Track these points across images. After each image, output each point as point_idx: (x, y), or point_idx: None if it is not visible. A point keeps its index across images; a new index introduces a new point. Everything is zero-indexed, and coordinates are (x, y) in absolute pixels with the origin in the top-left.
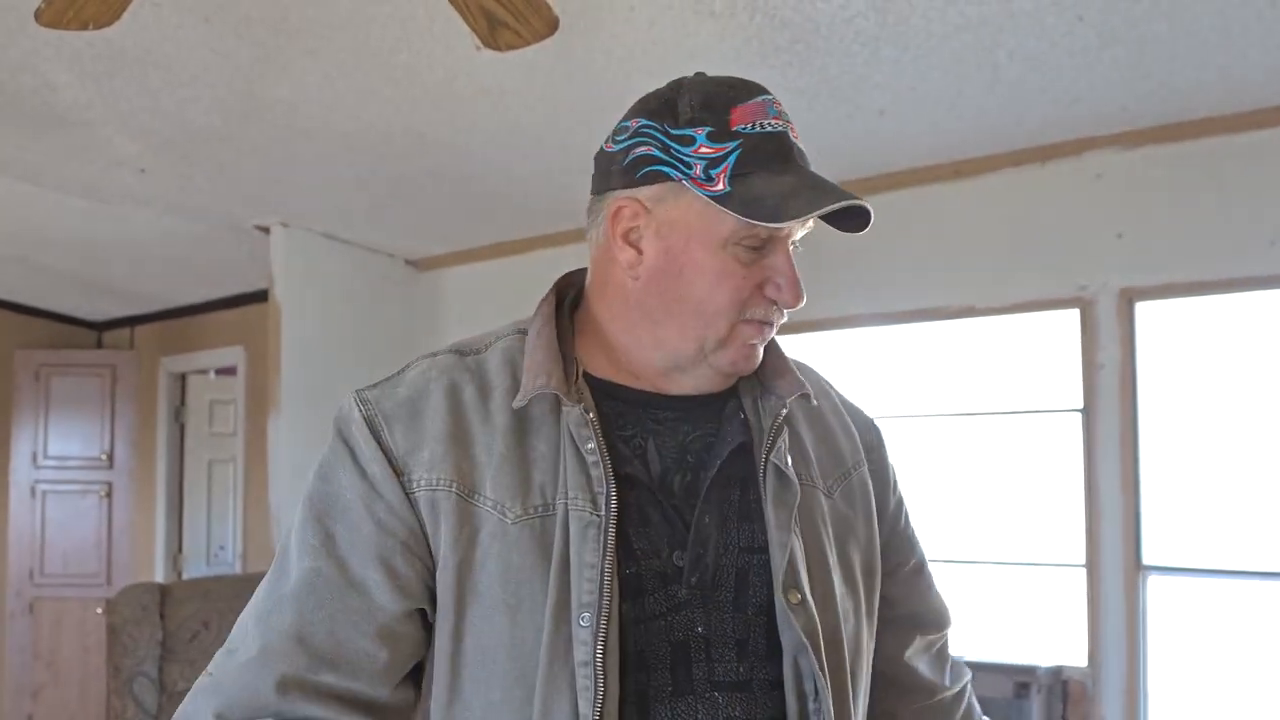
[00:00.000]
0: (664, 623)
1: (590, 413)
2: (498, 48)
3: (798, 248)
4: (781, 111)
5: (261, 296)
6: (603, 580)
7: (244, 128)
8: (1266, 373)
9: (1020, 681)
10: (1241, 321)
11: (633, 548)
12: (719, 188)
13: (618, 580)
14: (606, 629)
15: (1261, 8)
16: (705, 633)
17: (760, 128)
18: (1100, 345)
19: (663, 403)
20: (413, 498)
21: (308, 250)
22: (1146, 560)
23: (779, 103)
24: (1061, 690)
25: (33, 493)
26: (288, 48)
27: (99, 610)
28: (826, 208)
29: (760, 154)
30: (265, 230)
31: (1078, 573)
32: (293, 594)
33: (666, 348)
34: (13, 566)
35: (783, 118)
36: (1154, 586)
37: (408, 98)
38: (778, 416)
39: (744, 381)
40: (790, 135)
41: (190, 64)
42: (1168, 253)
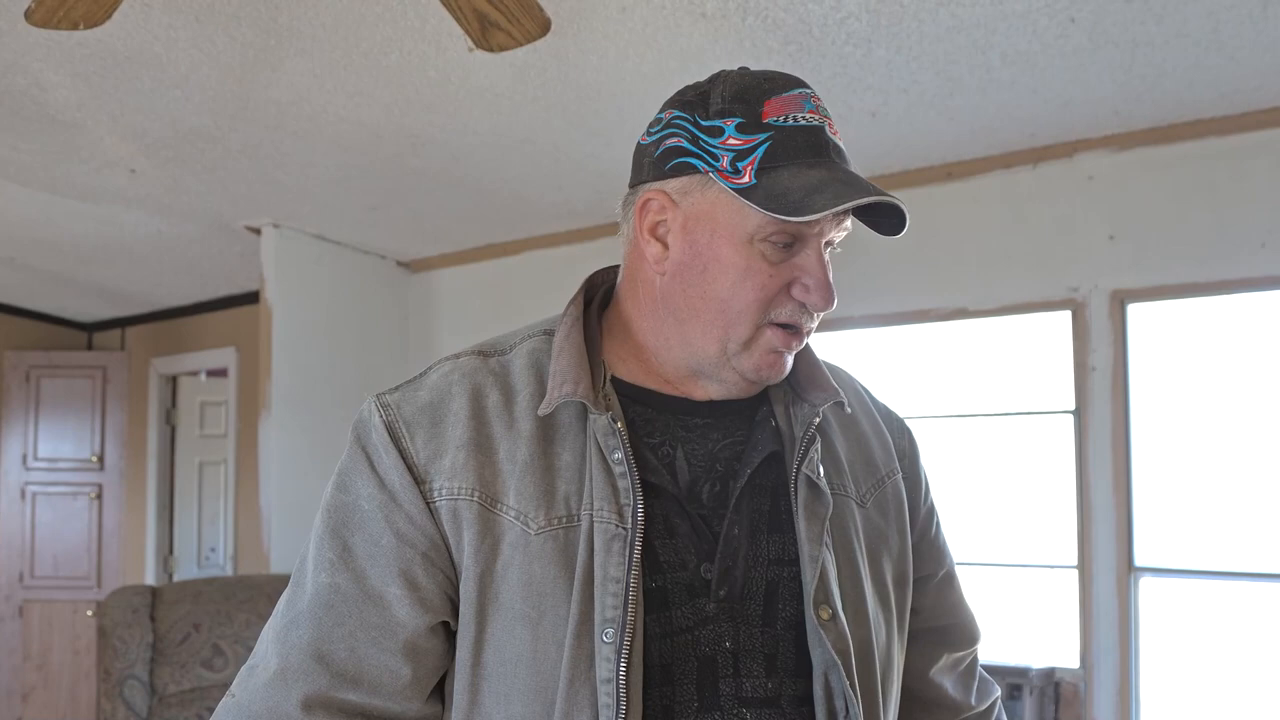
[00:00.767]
0: (690, 637)
1: (618, 421)
2: (490, 48)
3: (835, 249)
4: (820, 106)
5: (252, 298)
6: (627, 595)
7: (235, 128)
8: (1258, 374)
9: (1012, 683)
10: (1233, 323)
11: (659, 559)
12: (744, 180)
13: (643, 593)
14: (630, 644)
15: (1253, 10)
16: (733, 647)
17: (793, 120)
18: (1092, 347)
19: (692, 409)
20: (434, 507)
21: (299, 251)
22: (1138, 561)
23: (817, 97)
24: (1054, 692)
25: (23, 495)
26: (278, 48)
27: (89, 613)
28: (851, 202)
29: (790, 147)
30: (256, 231)
31: (1070, 574)
32: (309, 610)
33: (691, 348)
34: (2, 569)
35: (820, 111)
36: (1146, 588)
37: (399, 98)
38: (810, 425)
39: (775, 388)
40: (827, 130)
41: (181, 64)
42: (1159, 254)
